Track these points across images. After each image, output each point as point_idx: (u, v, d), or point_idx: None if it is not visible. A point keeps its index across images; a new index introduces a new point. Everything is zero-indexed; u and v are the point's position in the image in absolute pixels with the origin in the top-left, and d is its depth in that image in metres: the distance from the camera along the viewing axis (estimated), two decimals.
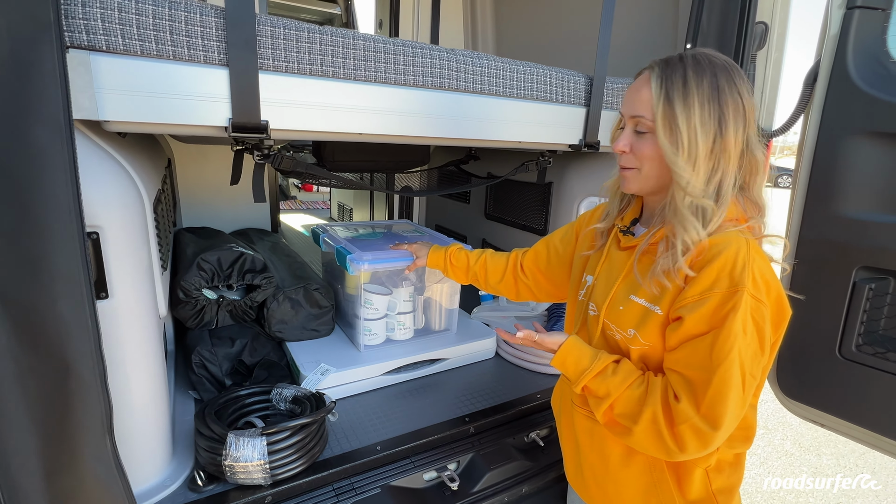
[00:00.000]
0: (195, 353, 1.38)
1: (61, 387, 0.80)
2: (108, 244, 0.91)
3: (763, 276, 0.78)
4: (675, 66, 0.82)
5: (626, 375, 0.86)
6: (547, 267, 1.24)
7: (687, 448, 0.78)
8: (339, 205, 4.15)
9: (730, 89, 0.81)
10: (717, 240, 0.79)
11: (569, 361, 0.92)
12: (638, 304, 0.87)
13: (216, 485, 1.08)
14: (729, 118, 0.80)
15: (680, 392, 0.79)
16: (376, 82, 1.15)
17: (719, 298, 0.76)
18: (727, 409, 0.75)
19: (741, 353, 0.75)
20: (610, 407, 0.87)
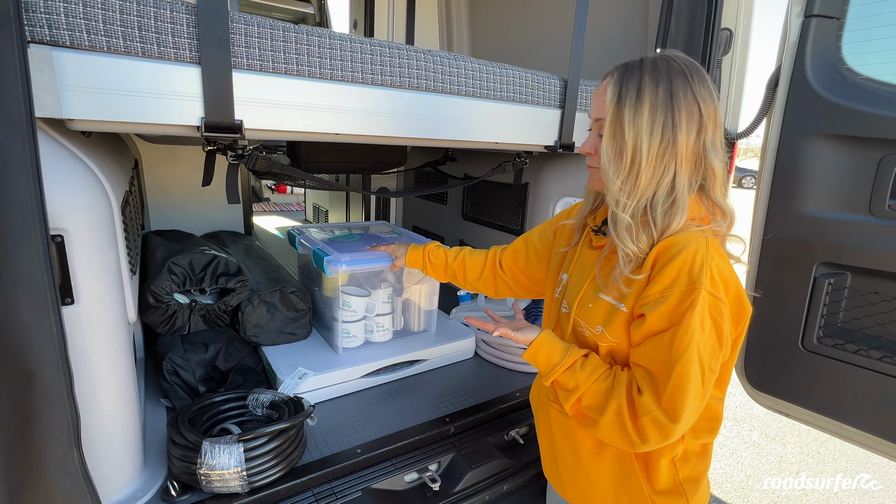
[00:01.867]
0: (167, 359, 1.34)
1: (24, 396, 0.77)
2: (73, 247, 0.87)
3: (721, 275, 0.81)
4: (633, 71, 0.84)
5: (594, 369, 0.89)
6: (526, 264, 1.26)
7: (648, 439, 0.80)
8: (314, 206, 4.09)
9: (685, 94, 0.81)
10: (677, 239, 0.81)
11: (540, 356, 0.95)
12: (605, 301, 0.90)
13: (191, 494, 1.05)
14: (681, 123, 0.81)
15: (643, 386, 0.81)
16: (353, 82, 1.14)
17: (678, 296, 0.78)
18: (686, 403, 0.77)
19: (700, 349, 0.77)
20: (578, 399, 0.90)
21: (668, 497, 0.93)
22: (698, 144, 0.83)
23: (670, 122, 0.80)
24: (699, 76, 0.84)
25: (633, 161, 0.82)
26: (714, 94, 0.85)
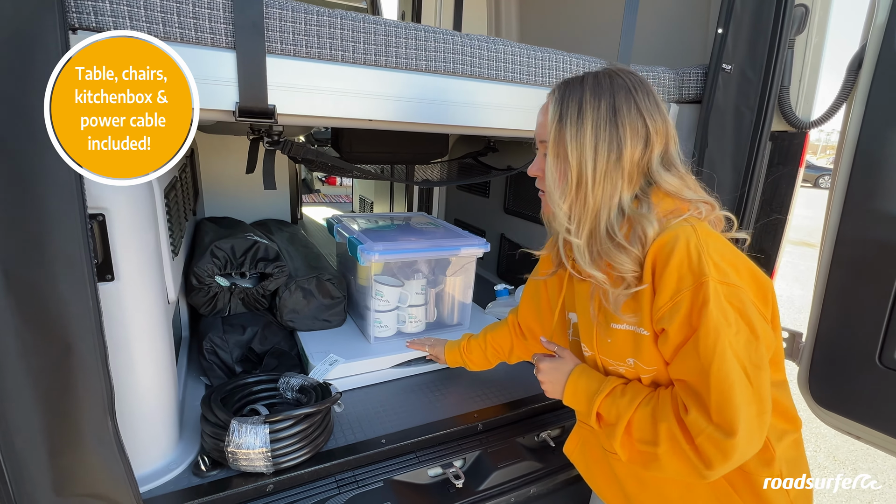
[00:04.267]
0: (206, 339, 1.39)
1: (62, 366, 0.81)
2: (114, 226, 0.91)
3: (724, 258, 0.74)
4: (573, 89, 0.81)
5: (635, 395, 0.81)
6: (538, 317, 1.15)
7: (713, 464, 0.70)
8: (360, 198, 4.16)
9: (629, 109, 0.77)
10: (664, 238, 0.75)
11: (580, 389, 0.88)
12: (622, 330, 0.82)
13: (219, 471, 1.08)
14: (626, 140, 0.77)
15: (688, 402, 0.73)
16: (387, 67, 1.12)
17: (689, 297, 0.72)
18: (738, 411, 0.68)
19: (732, 346, 0.70)
20: (627, 433, 0.80)
21: None
22: (645, 160, 0.79)
23: (615, 138, 0.77)
24: (644, 90, 0.80)
25: (578, 182, 0.78)
26: (662, 108, 0.81)
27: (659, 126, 0.80)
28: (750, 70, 1.46)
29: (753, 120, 1.48)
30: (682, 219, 0.77)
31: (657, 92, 0.82)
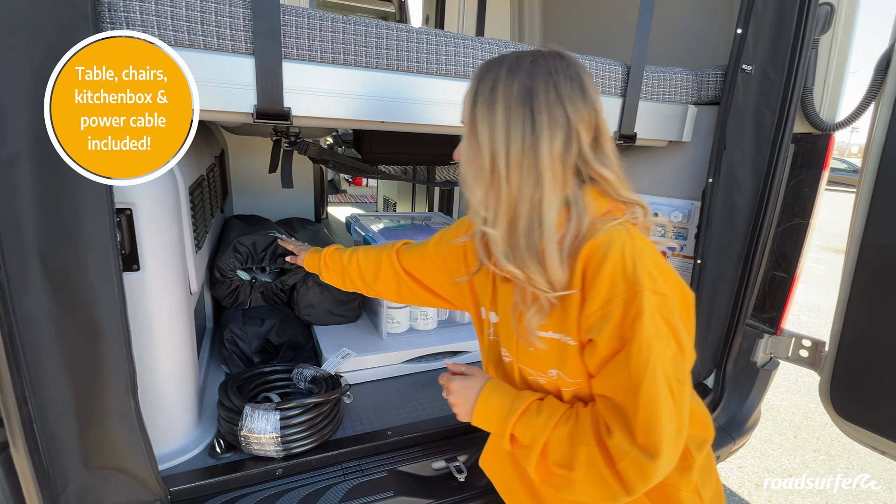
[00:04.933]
0: (227, 329, 1.47)
1: (91, 348, 0.88)
2: (140, 220, 0.98)
3: (657, 266, 0.70)
4: (491, 68, 0.74)
5: (551, 414, 0.75)
6: (427, 274, 1.09)
7: (634, 488, 0.67)
8: (384, 198, 4.24)
9: (546, 95, 0.70)
10: (598, 241, 0.69)
11: (491, 409, 0.81)
12: (547, 338, 0.76)
13: (233, 453, 1.14)
14: (542, 128, 0.70)
15: (612, 423, 0.69)
16: (399, 70, 1.16)
17: (622, 306, 0.67)
18: (663, 432, 0.65)
19: (662, 362, 0.66)
20: (542, 456, 0.75)
21: None
22: (573, 153, 0.72)
23: (529, 124, 0.70)
24: (567, 75, 0.72)
25: (492, 168, 0.72)
26: (591, 97, 0.73)
27: (584, 115, 0.72)
28: (771, 71, 1.43)
29: (775, 122, 1.44)
30: (617, 222, 0.72)
31: (592, 81, 0.75)
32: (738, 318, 1.60)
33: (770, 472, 2.63)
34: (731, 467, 2.60)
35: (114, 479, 0.96)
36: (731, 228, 1.53)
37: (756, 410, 1.66)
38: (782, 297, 1.58)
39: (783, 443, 2.90)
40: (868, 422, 1.38)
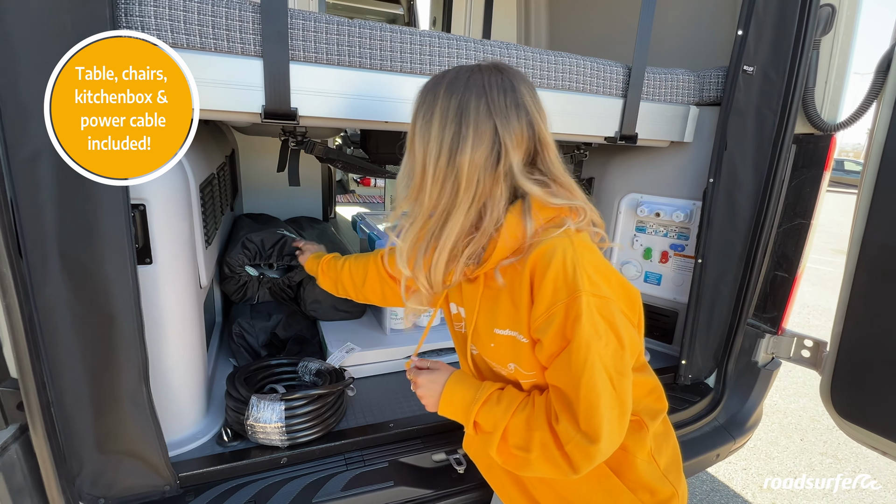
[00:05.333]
0: (235, 323, 1.51)
1: (107, 336, 0.92)
2: (153, 215, 1.02)
3: (598, 270, 0.75)
4: (436, 83, 0.79)
5: (511, 401, 0.83)
6: None
7: (579, 467, 0.75)
8: (391, 198, 4.29)
9: (476, 109, 0.74)
10: (542, 250, 0.75)
11: (455, 400, 0.88)
12: (504, 336, 0.83)
13: (240, 442, 1.18)
14: (467, 142, 0.74)
15: (560, 410, 0.76)
16: (402, 72, 1.19)
17: (563, 310, 0.73)
18: (601, 419, 0.72)
19: (601, 357, 0.73)
20: (503, 440, 0.82)
21: (659, 494, 0.88)
22: (496, 165, 0.76)
23: (457, 138, 0.74)
24: (503, 89, 0.76)
25: (422, 179, 0.77)
26: (528, 110, 0.77)
27: (515, 129, 0.76)
28: (772, 72, 1.44)
29: (776, 122, 1.46)
30: (560, 231, 0.76)
31: (531, 94, 0.79)
32: (740, 318, 1.61)
33: (775, 475, 2.62)
34: (736, 469, 2.59)
35: (126, 464, 1.01)
36: (732, 228, 1.54)
37: (757, 410, 1.67)
38: (783, 297, 1.58)
39: (789, 445, 2.88)
40: (869, 422, 1.38)
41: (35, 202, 0.83)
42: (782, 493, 2.35)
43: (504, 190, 0.78)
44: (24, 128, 0.80)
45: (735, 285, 1.60)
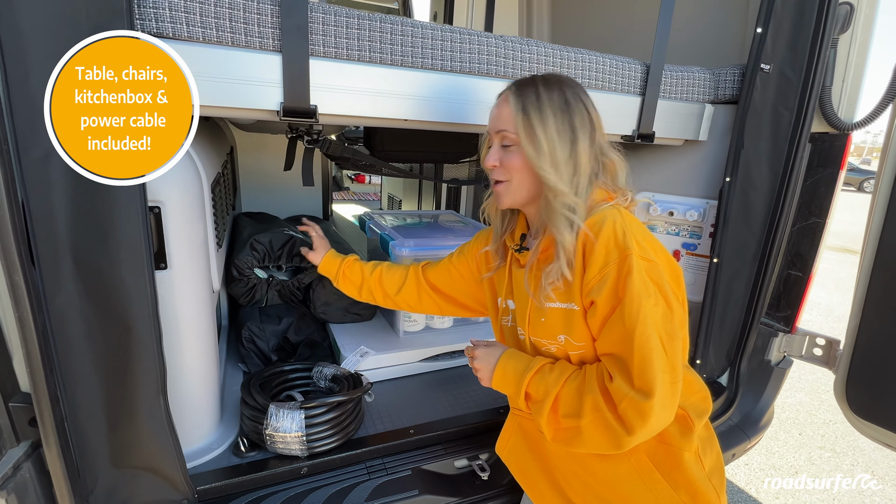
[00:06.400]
0: (245, 328, 1.46)
1: (122, 346, 0.87)
2: (168, 218, 0.97)
3: (645, 238, 0.84)
4: (528, 85, 0.91)
5: (562, 371, 0.87)
6: (451, 284, 1.23)
7: (634, 428, 0.76)
8: (388, 196, 4.23)
9: (576, 103, 0.88)
10: (593, 220, 0.84)
11: (509, 370, 0.93)
12: (555, 308, 0.89)
13: (257, 452, 1.14)
14: (578, 127, 0.87)
15: (612, 370, 0.80)
16: (423, 68, 1.16)
17: (615, 269, 0.80)
18: (655, 374, 0.75)
19: (651, 315, 0.77)
20: (553, 410, 0.85)
21: (700, 497, 0.88)
22: (594, 145, 0.90)
23: (569, 125, 0.87)
24: (582, 89, 0.93)
25: (551, 160, 0.87)
26: (593, 104, 0.93)
27: (596, 118, 0.92)
28: (790, 70, 1.43)
29: (792, 121, 1.45)
30: (609, 205, 0.88)
31: None
32: (753, 317, 1.61)
33: (776, 469, 2.66)
34: (738, 464, 2.62)
35: (142, 479, 0.96)
36: (746, 227, 1.54)
37: (770, 408, 1.68)
38: (797, 295, 1.59)
39: (788, 440, 2.92)
40: (885, 419, 1.39)
41: (47, 204, 0.78)
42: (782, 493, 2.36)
43: (599, 167, 0.91)
44: (35, 125, 0.75)
45: (749, 284, 1.59)
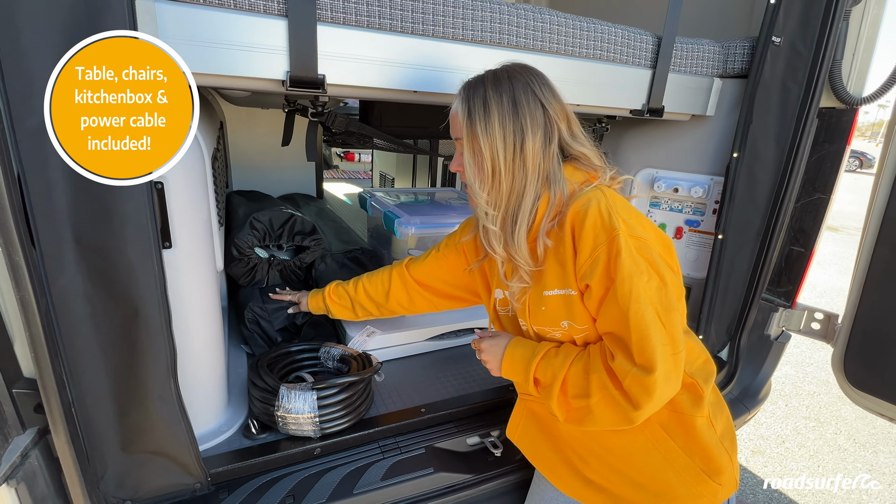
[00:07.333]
0: (248, 308, 1.42)
1: (130, 329, 0.84)
2: (171, 195, 0.92)
3: (631, 216, 0.83)
4: (476, 88, 0.88)
5: (567, 354, 0.87)
6: (439, 278, 1.22)
7: (640, 403, 0.77)
8: (380, 174, 4.16)
9: (526, 101, 0.85)
10: (578, 204, 0.83)
11: (517, 357, 0.93)
12: (554, 296, 0.89)
13: (268, 434, 1.12)
14: (528, 131, 0.84)
15: (614, 349, 0.81)
16: (434, 37, 1.11)
17: (605, 251, 0.79)
18: (655, 350, 0.75)
19: (645, 291, 0.77)
20: (562, 391, 0.86)
21: (715, 461, 0.89)
22: (552, 143, 0.87)
23: (519, 128, 0.84)
24: (540, 80, 0.89)
25: (493, 171, 0.86)
26: (557, 95, 0.90)
27: (557, 110, 0.88)
28: (800, 43, 1.41)
29: (801, 95, 1.43)
30: (592, 187, 0.87)
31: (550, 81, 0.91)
32: (755, 293, 1.62)
33: (764, 439, 2.76)
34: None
35: (153, 464, 0.93)
36: (751, 203, 1.53)
37: (768, 382, 1.71)
38: (799, 271, 1.61)
39: (775, 411, 3.03)
40: (882, 391, 1.43)
41: (45, 179, 0.73)
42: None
43: (557, 162, 0.88)
44: (30, 93, 0.69)
45: (751, 260, 1.60)
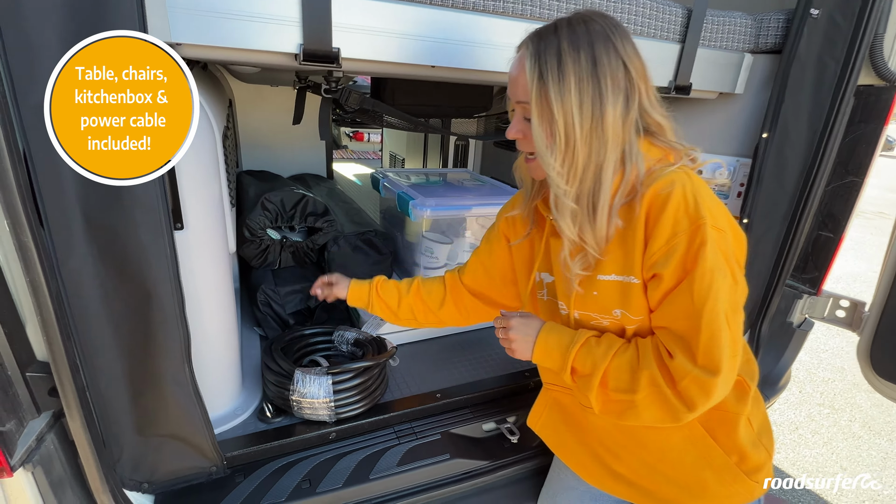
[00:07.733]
0: (260, 291, 1.40)
1: (144, 311, 0.82)
2: (182, 175, 0.89)
3: (715, 204, 0.76)
4: (548, 40, 0.76)
5: (610, 345, 0.81)
6: (489, 282, 1.10)
7: (695, 404, 0.73)
8: (391, 154, 4.09)
9: (608, 59, 0.74)
10: (659, 184, 0.75)
11: (551, 344, 0.85)
12: (609, 281, 0.81)
13: (283, 417, 1.11)
14: (608, 95, 0.74)
15: (673, 348, 0.74)
16: (454, 7, 1.05)
17: (686, 240, 0.72)
18: (723, 352, 0.70)
19: (722, 290, 0.72)
20: (602, 384, 0.80)
21: (753, 459, 0.86)
22: (631, 110, 0.76)
23: (598, 92, 0.74)
24: (621, 33, 0.77)
25: (566, 141, 0.75)
26: (638, 51, 0.78)
27: (639, 68, 0.77)
28: (839, 16, 1.32)
29: (838, 72, 1.36)
30: (676, 166, 0.77)
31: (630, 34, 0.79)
32: (779, 279, 1.57)
33: (777, 426, 2.73)
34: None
35: (169, 446, 0.93)
36: (779, 186, 1.47)
37: (788, 370, 1.68)
38: (826, 257, 1.55)
39: (789, 397, 2.99)
40: None
41: (51, 155, 0.70)
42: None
43: (635, 133, 0.77)
44: (33, 66, 0.66)
45: (776, 246, 1.55)
